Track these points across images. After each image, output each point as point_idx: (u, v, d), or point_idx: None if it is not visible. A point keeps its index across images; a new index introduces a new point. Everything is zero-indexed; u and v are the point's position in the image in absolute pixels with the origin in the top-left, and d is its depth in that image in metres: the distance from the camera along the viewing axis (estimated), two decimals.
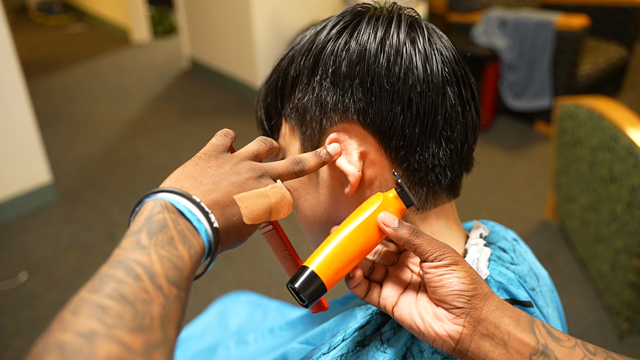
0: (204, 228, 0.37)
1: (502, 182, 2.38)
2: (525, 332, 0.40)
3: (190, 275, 0.35)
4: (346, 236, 0.42)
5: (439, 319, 0.41)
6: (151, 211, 0.36)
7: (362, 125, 0.47)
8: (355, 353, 0.46)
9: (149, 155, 2.67)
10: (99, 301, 0.29)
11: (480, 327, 0.40)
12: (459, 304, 0.40)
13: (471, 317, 0.40)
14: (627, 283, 1.47)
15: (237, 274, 1.85)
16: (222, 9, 3.24)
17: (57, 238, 2.05)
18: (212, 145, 0.44)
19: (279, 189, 0.43)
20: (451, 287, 0.40)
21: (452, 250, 0.42)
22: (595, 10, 2.95)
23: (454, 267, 0.40)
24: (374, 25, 0.47)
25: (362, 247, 0.42)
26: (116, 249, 0.34)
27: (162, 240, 0.34)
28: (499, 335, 0.40)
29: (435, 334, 0.40)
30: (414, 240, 0.41)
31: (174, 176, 0.40)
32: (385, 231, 0.43)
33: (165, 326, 0.31)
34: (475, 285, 0.40)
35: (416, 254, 0.42)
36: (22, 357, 1.52)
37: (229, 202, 0.40)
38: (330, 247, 0.42)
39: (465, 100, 0.48)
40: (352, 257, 0.42)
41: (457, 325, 0.40)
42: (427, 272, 0.41)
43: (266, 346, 0.72)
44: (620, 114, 1.49)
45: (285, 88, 0.53)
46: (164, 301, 0.32)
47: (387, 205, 0.44)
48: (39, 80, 3.65)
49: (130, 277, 0.31)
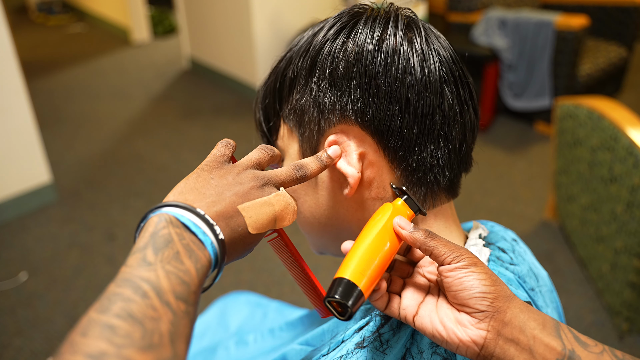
0: (209, 240, 0.37)
1: (502, 182, 2.38)
2: (551, 336, 0.39)
3: (197, 290, 0.35)
4: (370, 245, 0.42)
5: (461, 324, 0.39)
6: (156, 226, 0.36)
7: (360, 126, 0.47)
8: (354, 354, 0.46)
9: (149, 155, 2.67)
10: (107, 321, 0.29)
11: (504, 330, 0.39)
12: (482, 307, 0.39)
13: (495, 320, 0.39)
14: (627, 283, 1.47)
15: (237, 274, 1.85)
16: (222, 9, 3.24)
17: (57, 238, 2.05)
18: (213, 156, 0.44)
19: (283, 196, 0.43)
20: (473, 289, 0.39)
21: (469, 251, 0.41)
22: (595, 10, 2.94)
23: (473, 268, 0.40)
24: (371, 26, 0.47)
25: (386, 254, 0.42)
26: (123, 267, 0.34)
27: (168, 255, 0.34)
28: (524, 340, 0.38)
29: (459, 340, 0.39)
30: (430, 243, 0.41)
31: (177, 189, 0.40)
32: (401, 235, 0.42)
33: (174, 342, 0.31)
34: (497, 287, 0.39)
35: (432, 258, 0.41)
36: (22, 357, 1.52)
37: (234, 213, 0.40)
38: (359, 256, 0.41)
39: (463, 100, 0.48)
40: (380, 264, 0.42)
41: (481, 329, 0.39)
42: (445, 276, 0.40)
43: (266, 347, 0.73)
44: (620, 114, 1.49)
45: (283, 89, 0.53)
46: (172, 317, 0.32)
47: (398, 213, 0.44)
48: (39, 80, 3.66)
49: (138, 295, 0.31)
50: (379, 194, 0.49)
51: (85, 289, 1.78)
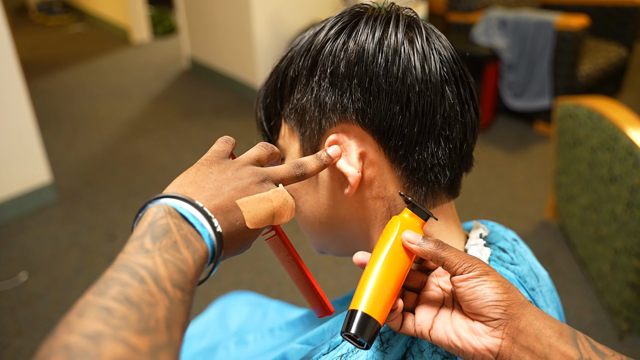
0: (207, 232, 0.37)
1: (502, 182, 2.38)
2: (568, 345, 0.38)
3: (194, 279, 0.35)
4: (382, 268, 0.41)
5: (476, 333, 0.39)
6: (154, 216, 0.36)
7: (361, 126, 0.47)
8: (354, 353, 0.46)
9: (149, 155, 2.67)
10: (104, 303, 0.30)
11: (519, 338, 0.38)
12: (495, 315, 0.39)
13: (509, 327, 0.38)
14: (627, 283, 1.47)
15: (237, 274, 1.85)
16: (222, 9, 3.24)
17: (57, 238, 2.05)
18: (213, 151, 0.44)
19: (281, 193, 0.43)
20: (485, 298, 0.39)
21: (481, 261, 0.41)
22: (595, 10, 2.95)
23: (485, 277, 0.39)
24: (372, 26, 0.47)
25: (400, 274, 0.42)
26: (120, 254, 0.34)
27: (166, 244, 0.34)
28: (539, 348, 0.38)
29: (474, 350, 0.39)
30: (441, 254, 0.41)
31: (176, 182, 0.40)
32: (411, 249, 0.42)
33: (170, 329, 0.31)
34: (510, 294, 0.39)
35: (444, 268, 0.41)
36: (22, 357, 1.52)
37: (232, 207, 0.40)
38: (372, 283, 0.41)
39: (464, 99, 0.48)
40: (394, 286, 0.41)
41: (496, 337, 0.39)
42: (458, 286, 0.40)
43: (266, 346, 0.73)
44: (620, 114, 1.49)
45: (284, 89, 0.53)
46: (169, 304, 0.32)
47: (406, 225, 0.44)
48: (39, 80, 3.66)
49: (135, 280, 0.31)
50: (380, 193, 0.49)
51: (85, 289, 1.78)
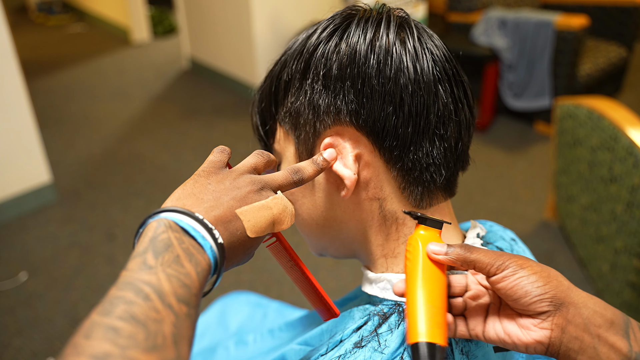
0: (208, 244, 0.37)
1: (502, 182, 2.38)
2: (617, 336, 0.38)
3: (198, 293, 0.35)
4: (423, 291, 0.41)
5: (525, 327, 0.39)
6: (155, 231, 0.36)
7: (355, 127, 0.47)
8: (352, 354, 0.46)
9: (149, 155, 2.67)
10: (110, 323, 0.30)
11: (568, 328, 0.38)
12: (542, 309, 0.38)
13: (558, 317, 0.38)
14: (627, 283, 1.47)
15: (237, 274, 1.85)
16: (222, 9, 3.25)
17: (57, 238, 2.05)
18: (209, 162, 0.44)
19: (280, 200, 0.43)
20: (528, 295, 0.38)
21: (511, 255, 0.40)
22: (595, 10, 2.94)
23: (522, 272, 0.39)
24: (363, 27, 0.47)
25: (441, 290, 0.41)
26: (123, 271, 0.34)
27: (168, 259, 0.34)
28: (587, 339, 0.38)
29: (524, 344, 0.39)
30: (470, 257, 0.40)
31: (175, 195, 0.40)
32: (440, 260, 0.42)
33: (177, 344, 0.31)
34: (551, 282, 0.39)
35: (477, 270, 0.41)
36: (22, 357, 1.52)
37: (232, 217, 0.40)
38: (421, 310, 0.40)
39: (457, 98, 0.48)
40: (441, 304, 0.41)
41: (544, 329, 0.38)
42: (497, 288, 0.40)
43: (265, 347, 0.73)
44: (620, 114, 1.49)
45: (278, 92, 0.53)
46: (175, 319, 0.32)
47: (426, 240, 0.43)
48: (39, 80, 3.66)
49: (140, 297, 0.31)
50: (376, 194, 0.49)
51: (85, 289, 1.78)
